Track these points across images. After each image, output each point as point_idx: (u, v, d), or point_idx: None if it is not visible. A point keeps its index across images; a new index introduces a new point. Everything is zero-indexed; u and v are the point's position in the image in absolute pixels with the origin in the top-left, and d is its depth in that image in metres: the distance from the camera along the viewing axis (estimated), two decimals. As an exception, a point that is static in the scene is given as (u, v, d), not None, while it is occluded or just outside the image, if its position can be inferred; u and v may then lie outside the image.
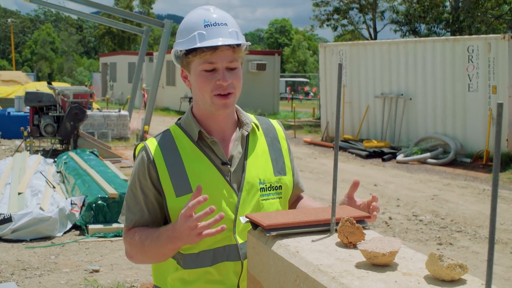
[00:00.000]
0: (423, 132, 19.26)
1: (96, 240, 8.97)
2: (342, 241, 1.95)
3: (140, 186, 2.55)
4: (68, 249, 8.58)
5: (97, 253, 8.43)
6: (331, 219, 2.09)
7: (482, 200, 12.66)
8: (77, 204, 9.51)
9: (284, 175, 2.69)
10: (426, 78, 19.07)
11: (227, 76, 2.48)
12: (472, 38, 18.41)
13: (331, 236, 2.06)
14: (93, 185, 10.29)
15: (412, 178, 15.44)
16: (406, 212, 11.45)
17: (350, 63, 21.72)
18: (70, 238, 9.09)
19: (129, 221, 2.58)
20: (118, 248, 8.65)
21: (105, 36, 78.19)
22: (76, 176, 11.25)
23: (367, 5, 38.57)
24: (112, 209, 9.36)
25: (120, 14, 24.90)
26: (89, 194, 9.67)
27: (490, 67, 17.11)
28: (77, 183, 10.80)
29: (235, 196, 2.53)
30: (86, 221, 9.28)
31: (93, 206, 9.29)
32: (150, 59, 39.64)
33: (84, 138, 16.82)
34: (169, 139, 2.60)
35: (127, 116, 22.36)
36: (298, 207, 2.80)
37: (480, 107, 17.53)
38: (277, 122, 2.85)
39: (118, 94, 44.28)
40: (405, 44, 20.04)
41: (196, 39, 2.46)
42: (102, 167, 12.36)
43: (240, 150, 2.61)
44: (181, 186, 2.49)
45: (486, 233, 9.97)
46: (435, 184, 14.57)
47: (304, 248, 1.92)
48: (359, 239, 1.93)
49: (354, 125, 21.78)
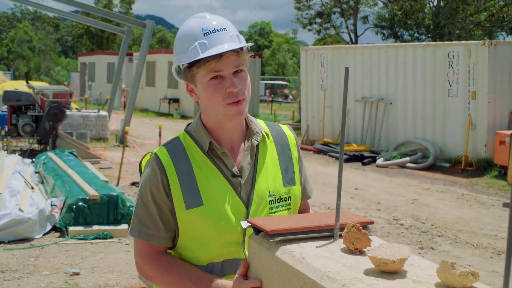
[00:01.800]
0: (402, 137, 19.34)
1: (77, 242, 8.87)
2: (347, 247, 1.93)
3: (153, 198, 2.46)
4: (48, 251, 8.49)
5: (77, 256, 8.34)
6: (335, 224, 2.07)
7: (462, 205, 12.72)
8: (57, 205, 9.41)
9: (293, 185, 2.62)
10: (406, 83, 19.16)
11: (236, 82, 2.39)
12: (453, 44, 18.55)
13: (335, 242, 2.04)
14: (74, 186, 10.19)
15: (392, 182, 15.49)
16: (387, 216, 11.48)
17: (331, 67, 21.77)
18: (50, 240, 8.98)
19: (143, 235, 2.49)
20: (98, 251, 8.58)
21: (83, 36, 77.73)
22: (56, 177, 11.14)
23: (348, 9, 38.75)
24: (93, 211, 9.27)
25: (101, 14, 24.80)
26: (70, 195, 9.57)
27: (470, 73, 17.23)
28: (56, 184, 10.69)
29: (244, 210, 2.46)
30: (66, 223, 9.18)
31: (74, 207, 9.19)
32: (129, 60, 39.47)
33: (63, 138, 16.68)
34: (180, 148, 2.51)
35: (106, 117, 22.24)
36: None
37: (459, 113, 17.64)
38: (287, 128, 2.75)
39: (96, 94, 44.03)
40: (386, 48, 20.12)
41: (198, 49, 2.37)
42: (82, 168, 12.27)
43: (250, 161, 2.54)
44: (191, 198, 2.42)
45: (467, 238, 10.03)
46: (414, 189, 14.63)
47: (309, 254, 1.90)
48: (365, 245, 1.91)
49: (335, 129, 21.81)
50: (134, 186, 13.35)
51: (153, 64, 37.56)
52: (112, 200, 9.38)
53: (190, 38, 2.42)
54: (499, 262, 8.74)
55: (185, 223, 2.43)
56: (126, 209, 9.47)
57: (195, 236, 2.44)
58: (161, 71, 37.22)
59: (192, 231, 2.44)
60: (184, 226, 2.44)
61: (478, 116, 17.09)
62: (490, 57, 16.72)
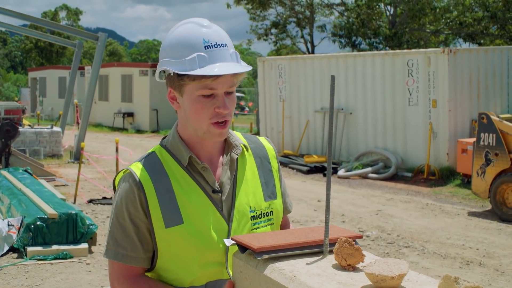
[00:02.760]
0: (363, 147, 19.44)
1: (36, 263, 8.70)
2: (340, 264, 1.89)
3: (130, 217, 2.38)
4: (7, 272, 8.32)
5: (37, 277, 8.18)
6: (324, 240, 2.03)
7: (426, 215, 12.82)
8: (14, 225, 9.22)
9: (275, 198, 2.57)
10: (366, 92, 19.28)
11: (228, 103, 2.35)
12: (412, 52, 18.73)
13: (325, 258, 2.01)
14: (30, 205, 10.01)
15: (355, 193, 15.55)
16: (352, 228, 11.50)
17: (289, 78, 21.82)
18: (8, 261, 8.80)
19: (119, 256, 2.39)
20: (59, 271, 8.42)
21: (32, 50, 76.92)
22: (11, 196, 10.94)
23: (304, 19, 38.95)
24: (51, 230, 9.10)
25: (52, 27, 24.53)
26: (27, 215, 9.39)
27: (430, 81, 17.41)
28: (12, 203, 10.49)
29: (226, 227, 2.40)
30: (24, 243, 8.99)
31: (32, 227, 9.01)
32: (81, 73, 39.08)
33: (16, 156, 16.40)
34: (157, 163, 2.44)
35: (60, 133, 21.96)
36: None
37: (420, 121, 17.79)
38: (266, 140, 2.70)
39: (48, 109, 43.51)
40: (345, 58, 20.25)
41: (196, 62, 2.28)
42: (38, 186, 12.07)
43: (230, 175, 2.48)
44: (171, 216, 2.35)
45: (434, 248, 10.09)
46: (378, 199, 14.70)
47: (300, 271, 1.86)
48: (358, 261, 1.88)
49: (294, 140, 21.85)
50: (91, 203, 13.19)
51: (106, 77, 37.25)
52: (71, 218, 9.23)
53: (189, 47, 2.32)
54: (468, 272, 8.80)
55: (164, 243, 2.36)
56: (86, 228, 9.32)
57: (175, 256, 2.37)
58: (114, 85, 36.93)
59: (172, 251, 2.37)
60: (163, 246, 2.37)
61: (439, 125, 17.27)
62: (450, 64, 16.91)
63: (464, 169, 15.62)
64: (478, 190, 13.21)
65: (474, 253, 9.87)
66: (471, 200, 14.43)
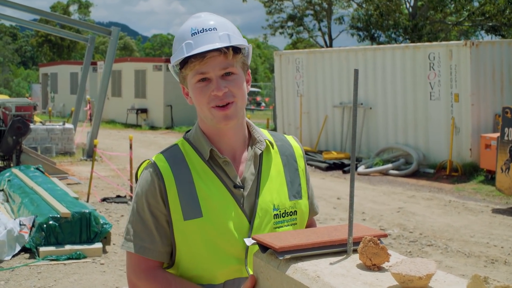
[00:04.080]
0: (384, 143, 19.38)
1: (48, 264, 8.72)
2: (364, 263, 1.88)
3: (149, 208, 2.40)
4: (19, 273, 8.35)
5: (50, 278, 8.21)
6: (348, 239, 2.02)
7: (449, 212, 12.76)
8: (26, 225, 9.25)
9: (300, 198, 2.56)
10: (386, 86, 19.21)
11: (222, 84, 2.36)
12: (433, 45, 18.64)
13: (348, 257, 1.99)
14: (43, 204, 10.03)
15: (375, 190, 15.51)
16: (373, 226, 11.46)
17: (307, 72, 21.78)
18: (20, 262, 8.83)
19: (137, 248, 2.41)
20: (72, 272, 8.45)
21: (43, 45, 77.16)
22: (23, 195, 10.97)
23: (321, 11, 38.87)
24: (64, 230, 9.12)
25: (64, 21, 24.62)
26: (39, 214, 9.42)
27: (452, 74, 17.32)
28: (24, 202, 10.52)
29: (247, 223, 2.40)
30: (37, 243, 9.02)
31: (44, 226, 9.04)
32: (94, 69, 39.17)
33: (27, 153, 16.47)
34: (179, 155, 2.47)
35: (72, 130, 22.04)
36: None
37: (442, 116, 17.71)
38: (293, 138, 2.71)
39: (59, 106, 43.67)
40: (364, 51, 20.18)
41: (184, 50, 2.37)
42: (50, 184, 12.10)
43: (253, 171, 2.48)
44: (190, 209, 2.36)
45: (458, 247, 10.05)
46: (399, 196, 14.66)
47: (324, 272, 1.85)
48: (383, 260, 1.87)
49: (313, 136, 21.82)
50: (105, 202, 13.23)
51: (119, 73, 37.32)
52: (85, 217, 9.25)
53: (180, 39, 2.42)
54: (493, 271, 8.75)
55: (182, 236, 2.38)
56: (100, 227, 9.34)
57: (193, 250, 2.38)
58: (127, 80, 37.01)
59: (189, 245, 2.38)
60: (181, 239, 2.38)
61: (462, 119, 17.18)
62: (473, 57, 16.82)
63: (487, 165, 15.54)
64: (502, 186, 13.14)
65: (499, 251, 9.82)
66: (495, 196, 14.34)
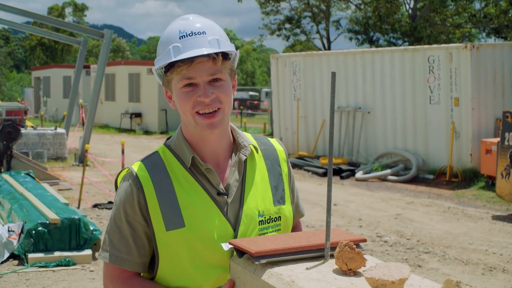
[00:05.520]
0: (382, 148, 19.40)
1: (37, 271, 8.74)
2: (340, 268, 1.91)
3: (127, 218, 2.41)
4: (7, 280, 8.36)
5: (38, 285, 8.22)
6: (326, 243, 2.04)
7: (448, 219, 12.78)
8: (15, 231, 9.27)
9: (283, 204, 2.57)
10: (384, 90, 19.24)
11: (209, 90, 2.36)
12: (433, 47, 18.67)
13: (326, 262, 2.02)
14: (32, 210, 10.05)
15: (373, 197, 15.53)
16: (369, 233, 11.49)
17: (304, 75, 21.79)
18: (8, 268, 8.85)
19: (113, 258, 2.42)
20: (61, 279, 8.47)
21: (36, 48, 77.15)
22: (12, 201, 11.00)
23: (319, 13, 38.91)
24: (53, 236, 9.14)
25: (56, 24, 24.65)
26: (28, 220, 9.44)
27: (452, 78, 17.35)
28: (13, 208, 10.54)
29: (231, 231, 2.40)
30: (25, 249, 9.04)
31: (33, 233, 9.05)
32: (87, 72, 39.22)
33: (18, 158, 16.48)
34: (159, 164, 2.46)
35: (64, 134, 22.02)
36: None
37: (442, 120, 17.73)
38: (277, 142, 2.72)
39: (52, 110, 43.69)
40: (362, 54, 20.22)
41: (171, 53, 2.35)
42: (40, 190, 12.12)
43: (237, 177, 2.49)
44: (172, 219, 2.36)
45: (456, 254, 10.07)
46: (397, 203, 14.68)
47: (299, 276, 1.88)
48: (359, 265, 1.89)
49: (310, 141, 21.82)
50: (96, 208, 13.24)
51: (113, 76, 37.33)
52: (74, 224, 9.27)
53: (167, 41, 2.41)
54: (491, 279, 8.78)
55: (165, 246, 2.38)
56: (89, 233, 9.36)
57: (177, 261, 2.39)
58: (121, 84, 37.01)
59: (173, 255, 2.39)
60: (164, 250, 2.39)
61: (462, 124, 17.21)
62: (473, 60, 16.85)
63: (488, 170, 15.55)
64: (502, 192, 13.16)
65: (498, 258, 9.84)
66: (495, 203, 14.37)
